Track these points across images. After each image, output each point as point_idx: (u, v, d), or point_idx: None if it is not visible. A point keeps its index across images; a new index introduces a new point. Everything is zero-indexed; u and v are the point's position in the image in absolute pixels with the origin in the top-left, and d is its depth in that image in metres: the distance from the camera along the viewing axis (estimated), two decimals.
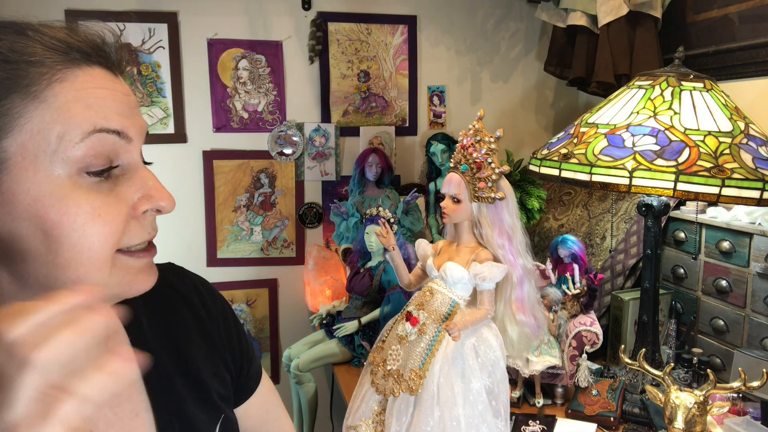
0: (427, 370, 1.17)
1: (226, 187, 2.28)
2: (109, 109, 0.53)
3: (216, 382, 0.73)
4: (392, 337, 1.25)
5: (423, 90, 2.42)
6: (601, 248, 1.88)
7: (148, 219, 0.57)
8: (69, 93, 0.51)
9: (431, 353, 1.18)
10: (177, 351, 0.70)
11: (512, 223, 1.22)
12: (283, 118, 2.29)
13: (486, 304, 1.21)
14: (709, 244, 1.57)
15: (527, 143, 2.53)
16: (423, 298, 1.25)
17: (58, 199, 0.50)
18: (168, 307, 0.73)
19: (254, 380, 0.82)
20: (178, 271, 0.78)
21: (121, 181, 0.55)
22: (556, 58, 2.28)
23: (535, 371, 1.42)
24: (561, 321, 1.47)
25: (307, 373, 1.92)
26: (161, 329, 0.70)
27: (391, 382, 1.19)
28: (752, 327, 1.45)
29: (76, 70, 0.52)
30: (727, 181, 1.14)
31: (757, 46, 1.61)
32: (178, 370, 0.69)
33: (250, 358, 0.80)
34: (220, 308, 0.78)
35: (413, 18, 2.35)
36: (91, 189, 0.52)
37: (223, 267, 2.31)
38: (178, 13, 2.14)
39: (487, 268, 1.19)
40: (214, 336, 0.75)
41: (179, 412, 0.67)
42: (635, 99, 1.32)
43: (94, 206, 0.51)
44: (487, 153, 1.18)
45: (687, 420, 1.11)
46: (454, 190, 1.22)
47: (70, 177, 0.51)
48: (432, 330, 1.20)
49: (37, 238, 0.50)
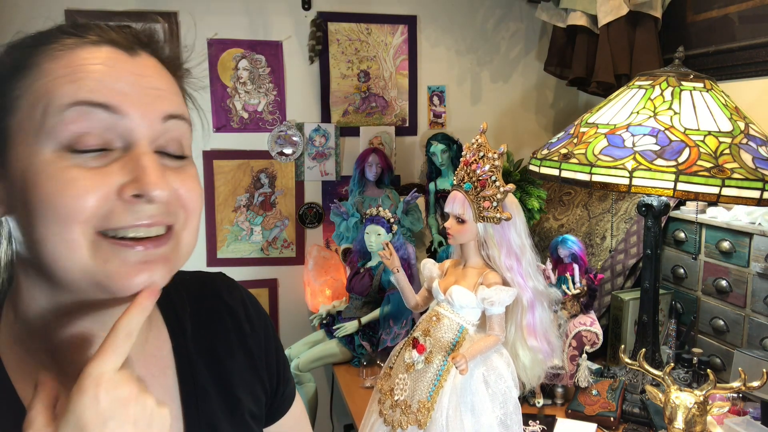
0: (435, 402, 1.11)
1: (226, 187, 2.28)
2: (99, 82, 0.51)
3: (250, 400, 0.72)
4: (399, 364, 1.20)
5: (423, 90, 2.42)
6: (601, 248, 1.88)
7: (140, 205, 0.52)
8: (59, 70, 0.51)
9: (439, 384, 1.13)
10: (216, 363, 0.69)
11: (521, 243, 1.16)
12: (283, 118, 2.29)
13: (496, 329, 1.14)
14: (709, 244, 1.57)
15: (527, 143, 2.53)
16: (429, 324, 1.19)
17: (36, 173, 0.50)
18: (214, 317, 0.72)
19: (288, 402, 0.80)
20: (228, 283, 0.77)
21: (114, 163, 0.52)
22: (556, 58, 2.28)
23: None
24: (561, 321, 1.47)
25: (307, 373, 1.92)
26: (204, 339, 0.69)
27: (399, 414, 1.14)
28: (752, 327, 1.45)
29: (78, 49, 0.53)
30: (727, 181, 1.14)
31: (757, 46, 1.61)
32: (215, 383, 0.68)
33: (286, 380, 0.79)
34: (263, 326, 0.77)
35: (413, 18, 2.35)
36: (72, 165, 0.50)
37: (223, 267, 2.30)
38: (178, 13, 2.14)
39: (495, 293, 1.12)
40: (255, 353, 0.74)
41: (209, 424, 0.66)
42: (635, 99, 1.32)
43: (65, 179, 0.49)
44: (491, 170, 1.12)
45: (687, 420, 1.11)
46: (458, 210, 1.16)
47: (55, 153, 0.50)
48: (439, 360, 1.14)
49: (23, 215, 0.51)
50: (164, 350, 0.66)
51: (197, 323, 0.69)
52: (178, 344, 0.66)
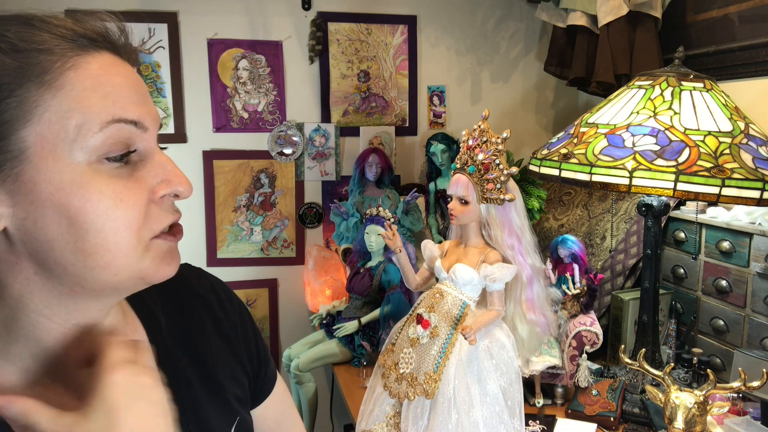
0: (442, 373, 1.17)
1: (226, 187, 2.28)
2: (125, 98, 0.54)
3: (232, 384, 0.73)
4: (403, 339, 1.25)
5: (423, 90, 2.42)
6: (601, 248, 1.88)
7: (166, 203, 0.57)
8: (85, 81, 0.52)
9: (445, 356, 1.18)
10: (194, 351, 0.70)
11: (521, 223, 1.22)
12: (283, 118, 2.29)
13: (496, 304, 1.21)
14: (709, 244, 1.57)
15: (527, 143, 2.53)
16: (433, 300, 1.24)
17: (80, 186, 0.51)
18: (186, 307, 0.73)
19: (270, 383, 0.82)
20: (195, 272, 0.78)
21: (140, 167, 0.55)
22: (556, 58, 2.28)
23: (535, 371, 1.42)
24: (561, 321, 1.47)
25: (307, 373, 1.92)
26: (179, 329, 0.70)
27: (405, 386, 1.19)
28: (752, 327, 1.45)
29: (87, 56, 0.53)
30: (727, 181, 1.14)
31: (757, 46, 1.61)
32: (195, 371, 0.69)
33: (266, 361, 0.80)
34: (238, 310, 0.78)
35: (413, 18, 2.35)
36: (111, 175, 0.52)
37: (223, 267, 2.30)
38: (178, 13, 2.14)
39: (497, 270, 1.19)
40: (232, 337, 0.75)
41: (195, 412, 0.67)
42: (635, 99, 1.32)
43: (115, 191, 0.52)
44: (494, 154, 1.18)
45: (687, 420, 1.11)
46: (462, 192, 1.22)
47: (90, 164, 0.51)
48: (445, 332, 1.20)
49: (62, 226, 0.51)
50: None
51: (170, 315, 0.70)
52: (155, 337, 0.66)
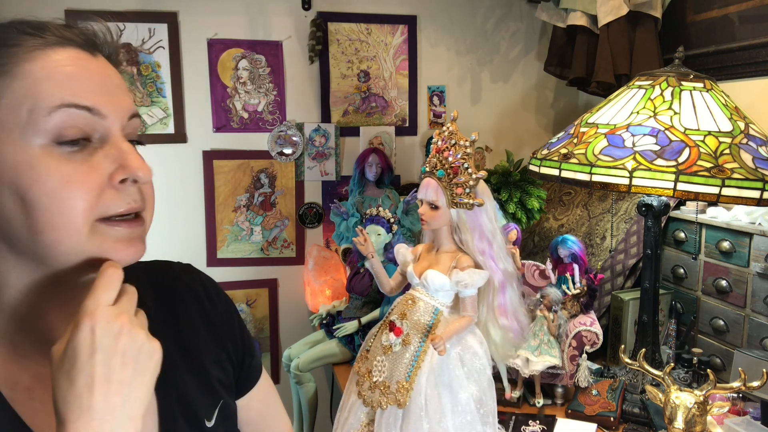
0: (414, 382, 1.16)
1: (226, 187, 2.28)
2: (79, 86, 0.56)
3: (217, 369, 0.75)
4: (376, 347, 1.24)
5: (423, 90, 2.42)
6: (601, 248, 1.88)
7: (128, 189, 0.58)
8: (40, 71, 0.55)
9: (417, 365, 1.17)
10: (180, 336, 0.73)
11: (492, 227, 1.20)
12: (283, 118, 2.29)
13: (469, 310, 1.20)
14: (709, 244, 1.57)
15: (527, 143, 2.53)
16: (405, 307, 1.23)
17: (30, 167, 0.54)
18: (175, 296, 0.76)
19: (255, 373, 0.84)
20: (185, 267, 0.82)
21: (97, 153, 0.57)
22: (556, 58, 2.28)
23: (535, 371, 1.42)
24: (561, 321, 1.47)
25: (307, 373, 1.92)
26: (166, 315, 0.72)
27: (378, 394, 1.18)
28: (752, 327, 1.45)
29: (48, 50, 0.56)
30: (727, 181, 1.14)
31: (757, 46, 1.61)
32: (181, 355, 0.71)
33: (251, 351, 0.83)
34: (224, 302, 0.81)
35: (413, 18, 2.35)
36: (63, 158, 0.55)
37: (223, 267, 2.30)
38: (178, 13, 2.14)
39: (468, 276, 1.17)
40: (218, 326, 0.78)
41: (179, 394, 0.69)
42: (635, 99, 1.32)
43: (64, 173, 0.55)
44: (463, 158, 1.16)
45: (687, 420, 1.11)
46: (432, 197, 1.19)
47: (43, 147, 0.54)
48: (416, 341, 1.19)
49: (17, 205, 0.55)
50: None
51: (159, 303, 0.73)
52: None
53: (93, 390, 0.50)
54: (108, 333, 0.52)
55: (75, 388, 0.50)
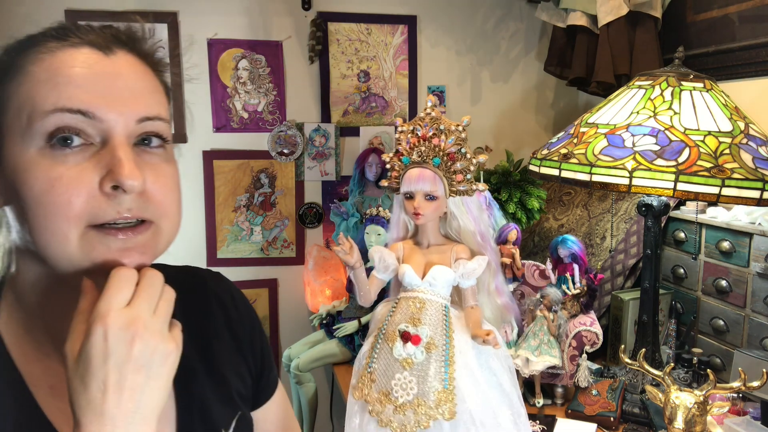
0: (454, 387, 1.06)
1: (226, 187, 2.28)
2: (77, 88, 0.55)
3: (237, 380, 0.75)
4: (389, 365, 1.10)
5: (423, 90, 2.42)
6: (601, 248, 1.88)
7: (120, 197, 0.55)
8: (41, 74, 0.55)
9: (450, 367, 1.08)
10: (204, 344, 0.73)
11: (479, 209, 1.19)
12: (283, 118, 2.29)
13: (471, 300, 1.16)
14: (709, 244, 1.57)
15: (527, 143, 2.53)
16: (414, 312, 1.12)
17: (24, 170, 0.54)
18: (201, 304, 0.76)
19: (272, 387, 0.84)
20: (214, 275, 0.82)
21: (92, 158, 0.55)
22: (556, 58, 2.28)
23: (535, 371, 1.42)
24: (561, 321, 1.47)
25: (307, 373, 1.92)
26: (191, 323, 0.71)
27: (412, 415, 1.05)
28: (752, 327, 1.45)
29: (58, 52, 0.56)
30: (727, 181, 1.14)
31: (757, 46, 1.61)
32: (203, 363, 0.72)
33: (270, 365, 0.83)
34: (249, 314, 0.81)
35: (413, 18, 2.35)
36: (55, 162, 0.54)
37: (223, 267, 2.30)
38: (178, 13, 2.14)
39: (477, 264, 1.13)
40: (241, 337, 0.78)
41: (199, 402, 0.69)
42: (635, 99, 1.32)
43: (51, 177, 0.53)
44: (457, 143, 1.10)
45: (687, 420, 1.11)
46: (429, 187, 1.11)
47: (38, 150, 0.54)
48: (441, 342, 1.10)
49: (18, 206, 0.56)
50: None
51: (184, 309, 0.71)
52: None
53: (106, 395, 0.50)
54: (121, 339, 0.51)
55: (88, 393, 0.50)
